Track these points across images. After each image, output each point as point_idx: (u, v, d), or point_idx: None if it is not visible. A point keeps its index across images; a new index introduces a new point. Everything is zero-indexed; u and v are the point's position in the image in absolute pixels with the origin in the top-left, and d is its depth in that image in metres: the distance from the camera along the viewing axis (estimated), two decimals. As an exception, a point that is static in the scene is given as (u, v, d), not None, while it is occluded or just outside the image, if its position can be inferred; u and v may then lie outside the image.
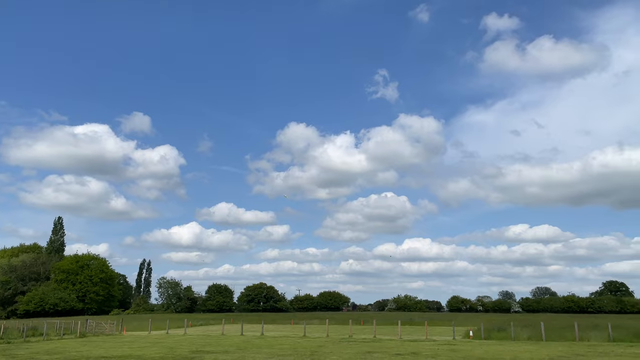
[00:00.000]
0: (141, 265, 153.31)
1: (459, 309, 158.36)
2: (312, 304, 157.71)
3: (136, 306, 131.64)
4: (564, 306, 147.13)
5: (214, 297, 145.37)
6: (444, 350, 28.76)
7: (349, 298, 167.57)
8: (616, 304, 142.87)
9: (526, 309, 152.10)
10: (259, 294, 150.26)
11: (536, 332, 38.40)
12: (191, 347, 31.71)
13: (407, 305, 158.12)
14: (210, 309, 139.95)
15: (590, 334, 37.42)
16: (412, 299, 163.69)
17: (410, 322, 67.29)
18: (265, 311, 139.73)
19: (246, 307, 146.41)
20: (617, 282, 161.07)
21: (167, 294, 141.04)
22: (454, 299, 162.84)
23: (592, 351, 28.20)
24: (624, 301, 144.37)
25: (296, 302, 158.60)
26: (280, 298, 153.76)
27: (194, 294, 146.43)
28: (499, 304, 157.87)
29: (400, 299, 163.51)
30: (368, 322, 64.29)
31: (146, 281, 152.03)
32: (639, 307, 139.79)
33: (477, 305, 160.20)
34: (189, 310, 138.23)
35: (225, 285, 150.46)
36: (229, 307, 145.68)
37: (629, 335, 36.28)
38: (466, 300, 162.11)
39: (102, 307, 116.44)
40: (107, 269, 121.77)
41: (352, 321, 52.00)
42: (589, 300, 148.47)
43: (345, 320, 65.15)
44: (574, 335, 36.52)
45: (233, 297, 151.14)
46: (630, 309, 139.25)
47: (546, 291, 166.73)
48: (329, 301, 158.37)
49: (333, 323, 62.48)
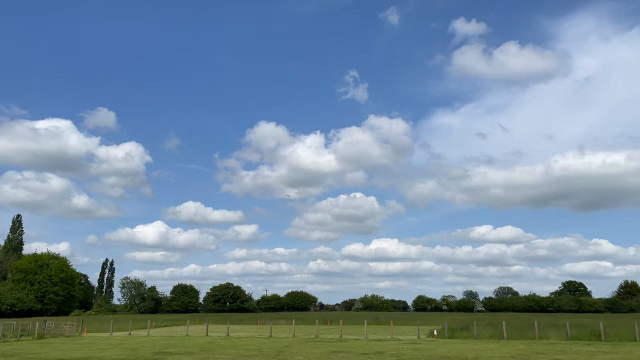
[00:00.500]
0: (104, 265, 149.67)
1: (424, 308, 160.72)
2: (280, 304, 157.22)
3: (98, 307, 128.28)
4: (525, 305, 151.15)
5: (179, 297, 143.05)
6: (409, 350, 29.06)
7: (316, 298, 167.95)
8: (574, 303, 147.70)
9: (489, 308, 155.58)
10: (225, 294, 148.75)
11: (498, 331, 39.24)
12: (154, 348, 31.07)
13: (374, 305, 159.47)
14: (175, 309, 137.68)
15: (549, 333, 38.48)
16: (379, 299, 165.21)
17: (376, 321, 67.78)
18: (231, 311, 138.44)
19: (212, 307, 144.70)
20: (575, 282, 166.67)
21: (131, 295, 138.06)
22: (420, 299, 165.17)
23: (550, 349, 29.00)
24: (582, 301, 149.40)
25: (263, 303, 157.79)
26: (247, 298, 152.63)
27: (158, 295, 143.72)
28: (463, 303, 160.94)
29: (367, 299, 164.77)
30: (335, 322, 64.47)
31: (109, 281, 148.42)
32: (596, 307, 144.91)
33: (442, 304, 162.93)
34: (153, 311, 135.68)
35: (191, 286, 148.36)
36: (194, 307, 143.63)
37: (586, 334, 37.48)
38: (431, 299, 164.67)
39: (62, 308, 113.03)
40: (68, 268, 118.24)
41: (319, 321, 52.01)
42: (549, 300, 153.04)
43: (312, 320, 65.15)
44: (534, 334, 37.47)
45: (199, 297, 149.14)
46: (587, 308, 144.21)
47: (508, 291, 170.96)
48: (296, 301, 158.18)
49: (300, 323, 62.36)
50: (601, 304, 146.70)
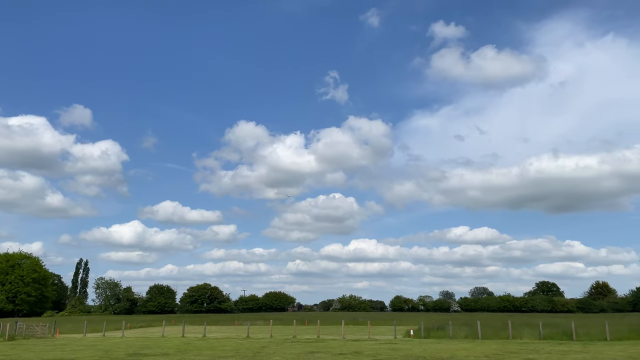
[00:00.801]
0: (78, 265, 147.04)
1: (401, 308, 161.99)
2: (258, 304, 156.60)
3: (71, 308, 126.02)
4: (499, 305, 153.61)
5: (155, 298, 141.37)
6: (385, 349, 29.27)
7: (294, 298, 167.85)
8: (547, 303, 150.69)
9: (465, 308, 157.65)
10: (202, 295, 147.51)
11: (473, 330, 39.78)
12: (128, 350, 30.64)
13: (352, 305, 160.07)
14: (151, 310, 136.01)
15: (523, 332, 39.15)
16: (357, 299, 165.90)
17: (354, 321, 68.10)
18: (209, 312, 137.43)
19: (189, 308, 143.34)
20: (549, 283, 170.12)
21: (105, 295, 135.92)
22: (397, 299, 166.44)
23: (524, 349, 29.53)
24: (554, 301, 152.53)
25: (241, 303, 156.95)
26: (225, 299, 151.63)
27: (134, 295, 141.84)
28: (439, 303, 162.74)
29: (345, 299, 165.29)
30: (313, 323, 64.52)
31: (83, 282, 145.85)
32: (568, 307, 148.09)
33: (418, 304, 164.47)
34: (129, 312, 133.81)
35: (168, 286, 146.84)
36: (170, 308, 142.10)
37: (558, 334, 38.25)
38: (408, 300, 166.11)
39: (34, 309, 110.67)
40: (41, 268, 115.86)
41: (297, 321, 51.98)
42: (523, 300, 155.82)
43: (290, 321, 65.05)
44: (507, 333, 38.10)
45: (175, 298, 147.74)
46: (560, 308, 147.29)
47: (484, 291, 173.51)
48: (274, 302, 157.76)
49: (278, 324, 62.18)
50: (573, 304, 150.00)
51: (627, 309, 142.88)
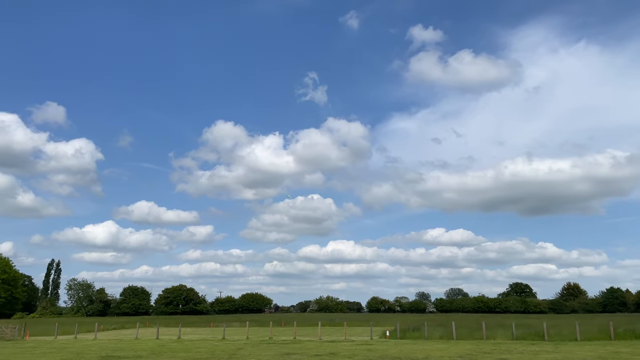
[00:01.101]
0: (49, 266, 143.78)
1: (378, 309, 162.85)
2: (234, 306, 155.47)
3: (42, 309, 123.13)
4: (474, 306, 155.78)
5: (129, 299, 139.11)
6: (361, 350, 29.39)
7: (271, 300, 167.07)
8: (521, 304, 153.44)
9: (440, 309, 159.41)
10: (178, 296, 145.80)
11: (448, 331, 40.25)
12: (101, 352, 30.10)
13: (329, 306, 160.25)
14: (125, 312, 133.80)
15: (496, 333, 39.77)
16: (334, 300, 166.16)
17: (330, 323, 68.17)
18: (184, 314, 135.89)
19: (164, 309, 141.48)
20: (522, 284, 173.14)
21: (78, 297, 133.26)
22: (374, 300, 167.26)
23: (497, 349, 30.01)
24: (527, 302, 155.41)
25: (217, 305, 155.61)
26: (201, 300, 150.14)
27: (107, 297, 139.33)
28: (415, 304, 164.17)
29: (322, 300, 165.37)
30: (289, 324, 64.36)
31: (54, 283, 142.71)
32: (540, 308, 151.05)
33: (395, 305, 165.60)
34: (102, 314, 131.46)
35: (142, 287, 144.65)
36: (145, 309, 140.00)
37: (530, 334, 38.98)
38: (385, 301, 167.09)
39: (3, 311, 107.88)
40: (10, 269, 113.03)
41: (274, 323, 51.82)
42: (497, 301, 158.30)
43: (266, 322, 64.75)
44: (481, 334, 38.66)
45: (150, 299, 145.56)
46: (533, 309, 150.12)
47: (459, 292, 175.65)
48: (251, 303, 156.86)
49: (254, 325, 61.88)
50: (545, 305, 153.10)
51: (597, 309, 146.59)
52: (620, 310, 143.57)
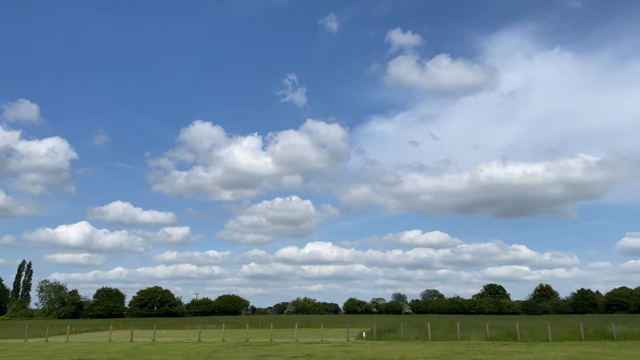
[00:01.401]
0: (20, 267, 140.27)
1: (355, 311, 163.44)
2: (210, 308, 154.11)
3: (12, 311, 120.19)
4: (449, 307, 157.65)
5: (102, 301, 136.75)
6: (338, 352, 29.48)
7: (248, 302, 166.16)
8: (494, 305, 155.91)
9: (416, 310, 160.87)
10: (153, 298, 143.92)
11: (423, 332, 40.65)
12: (72, 355, 29.53)
13: (306, 308, 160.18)
14: (99, 314, 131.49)
15: (470, 334, 40.33)
16: (311, 302, 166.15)
17: (307, 324, 68.16)
18: (159, 316, 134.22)
19: (139, 312, 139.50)
20: (496, 285, 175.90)
21: (49, 299, 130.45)
22: (351, 301, 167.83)
23: (471, 349, 30.45)
24: (501, 303, 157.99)
25: (193, 307, 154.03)
26: (176, 302, 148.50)
27: (80, 299, 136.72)
28: (391, 305, 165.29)
29: (299, 302, 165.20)
30: (266, 326, 64.14)
31: (25, 284, 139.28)
32: (514, 309, 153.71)
33: (371, 307, 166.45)
34: (74, 316, 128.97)
35: (116, 289, 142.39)
36: (119, 312, 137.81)
37: (503, 335, 39.64)
38: (362, 302, 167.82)
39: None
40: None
41: (250, 325, 51.58)
42: (472, 302, 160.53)
43: (243, 324, 64.45)
44: (456, 335, 39.16)
45: (124, 301, 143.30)
46: (506, 310, 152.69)
47: (434, 293, 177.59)
48: (227, 305, 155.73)
49: (230, 327, 61.51)
50: (518, 306, 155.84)
51: (569, 310, 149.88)
52: (591, 311, 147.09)
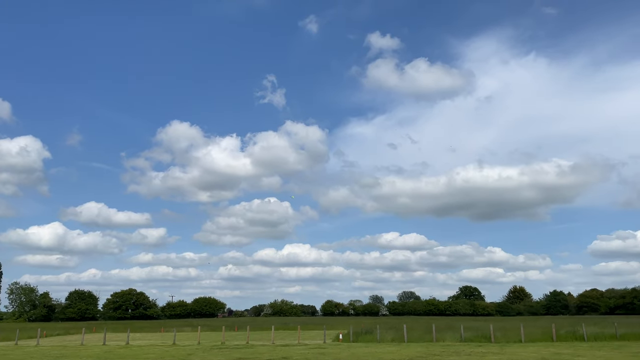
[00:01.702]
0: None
1: (332, 313, 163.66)
2: (186, 310, 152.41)
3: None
4: (425, 309, 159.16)
5: (75, 304, 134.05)
6: (314, 354, 29.47)
7: (224, 304, 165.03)
8: (469, 307, 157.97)
9: (393, 312, 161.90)
10: (127, 301, 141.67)
11: (399, 334, 40.90)
12: (43, 359, 28.86)
13: (283, 310, 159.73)
14: (71, 317, 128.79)
15: (445, 335, 40.73)
16: (288, 304, 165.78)
17: (284, 326, 67.90)
18: (133, 319, 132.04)
19: (112, 314, 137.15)
20: (471, 287, 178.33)
21: (20, 301, 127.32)
22: (328, 304, 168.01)
23: (446, 351, 30.78)
24: (476, 304, 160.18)
25: (168, 309, 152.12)
26: (151, 305, 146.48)
27: (51, 301, 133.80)
28: (369, 307, 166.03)
29: (276, 304, 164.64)
30: (242, 328, 63.67)
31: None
32: (488, 310, 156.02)
33: (349, 309, 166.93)
34: (46, 319, 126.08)
35: (89, 292, 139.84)
36: (92, 315, 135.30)
37: (478, 336, 40.14)
38: (339, 304, 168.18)
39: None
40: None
41: (226, 327, 51.16)
42: (447, 304, 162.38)
43: (219, 327, 63.89)
44: (431, 336, 39.52)
45: (97, 304, 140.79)
46: (481, 311, 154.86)
47: (411, 295, 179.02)
48: (203, 307, 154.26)
49: (206, 330, 60.90)
50: (493, 308, 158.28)
51: (541, 312, 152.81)
52: (563, 313, 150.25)
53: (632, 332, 39.27)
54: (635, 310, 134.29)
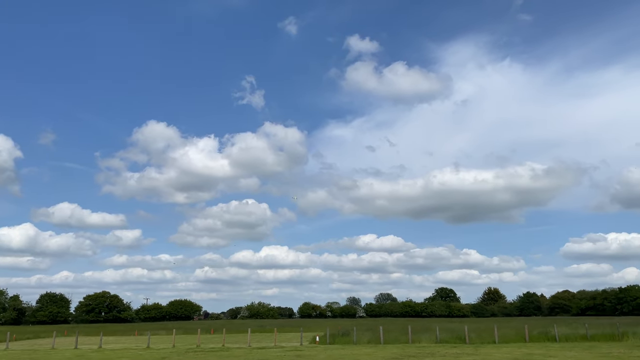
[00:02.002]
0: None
1: (309, 315, 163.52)
2: (161, 313, 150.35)
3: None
4: (402, 311, 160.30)
5: (46, 307, 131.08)
6: (290, 356, 29.38)
7: (201, 307, 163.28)
8: (445, 308, 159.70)
9: (370, 314, 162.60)
10: (100, 304, 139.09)
11: (376, 336, 41.09)
12: (12, 364, 28.10)
13: (260, 313, 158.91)
14: (42, 320, 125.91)
15: (421, 337, 41.09)
16: (265, 306, 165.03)
17: (261, 329, 67.55)
18: (107, 322, 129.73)
19: (85, 318, 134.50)
20: (447, 289, 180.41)
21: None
22: (305, 306, 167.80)
23: (421, 352, 31.04)
24: (451, 306, 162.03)
25: (143, 312, 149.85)
26: (125, 308, 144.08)
27: (21, 304, 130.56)
28: (346, 309, 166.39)
29: (253, 307, 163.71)
30: (219, 331, 63.09)
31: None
32: (463, 312, 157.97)
33: (326, 311, 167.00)
34: (16, 322, 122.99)
35: (61, 294, 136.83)
36: (64, 318, 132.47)
37: (453, 337, 40.61)
38: (317, 306, 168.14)
39: None
40: None
41: (202, 330, 50.62)
42: (423, 305, 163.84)
43: (194, 330, 63.17)
44: (408, 338, 39.81)
45: (70, 307, 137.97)
46: (456, 313, 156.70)
47: (388, 297, 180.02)
48: (179, 310, 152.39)
49: (181, 333, 60.12)
50: (468, 309, 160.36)
51: (515, 313, 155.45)
52: (536, 314, 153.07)
53: (602, 333, 40.25)
54: (606, 312, 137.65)
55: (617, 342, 37.20)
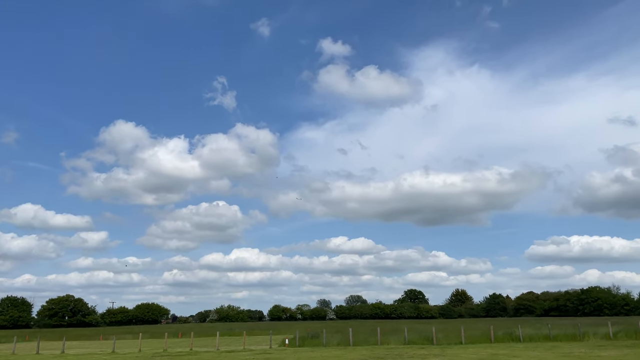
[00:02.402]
0: None
1: (279, 317, 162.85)
2: (127, 317, 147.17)
3: None
4: (372, 312, 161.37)
5: (7, 311, 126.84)
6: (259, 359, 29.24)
7: (168, 310, 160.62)
8: (414, 310, 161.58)
9: (340, 316, 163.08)
10: (64, 308, 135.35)
11: (345, 338, 41.30)
12: (-31, 371, 27.08)
13: (229, 316, 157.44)
14: (2, 325, 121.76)
15: (390, 338, 41.51)
16: (235, 309, 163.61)
17: (230, 332, 66.94)
18: (70, 326, 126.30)
19: (48, 322, 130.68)
20: (416, 291, 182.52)
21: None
22: (275, 308, 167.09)
23: (389, 353, 31.34)
24: (420, 307, 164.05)
25: (109, 316, 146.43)
26: (90, 311, 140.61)
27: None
28: (316, 312, 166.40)
29: (222, 310, 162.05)
30: (187, 335, 62.21)
31: None
32: (432, 313, 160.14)
33: (296, 313, 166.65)
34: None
35: (23, 298, 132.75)
36: (25, 322, 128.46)
37: (421, 339, 41.19)
38: (287, 309, 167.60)
39: None
40: None
41: (170, 334, 49.85)
42: (393, 307, 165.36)
43: (162, 334, 62.11)
44: (377, 339, 40.14)
45: (32, 311, 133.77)
46: (425, 314, 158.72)
47: (358, 299, 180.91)
48: (146, 314, 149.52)
49: (148, 337, 59.07)
50: (436, 311, 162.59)
51: (481, 314, 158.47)
52: (501, 315, 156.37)
53: (564, 333, 41.47)
54: (568, 312, 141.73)
55: (578, 342, 38.38)
